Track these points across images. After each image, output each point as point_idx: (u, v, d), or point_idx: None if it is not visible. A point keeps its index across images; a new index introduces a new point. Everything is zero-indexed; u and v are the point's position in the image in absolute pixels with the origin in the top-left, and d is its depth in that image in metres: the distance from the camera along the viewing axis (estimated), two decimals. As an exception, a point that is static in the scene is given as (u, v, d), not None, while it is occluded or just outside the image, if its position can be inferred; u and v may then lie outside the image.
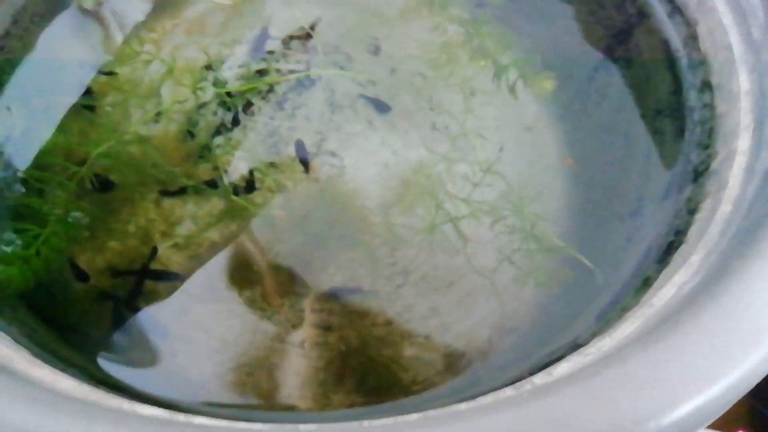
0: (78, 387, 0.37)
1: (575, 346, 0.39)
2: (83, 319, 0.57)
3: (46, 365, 0.38)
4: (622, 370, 0.28)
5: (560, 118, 0.65)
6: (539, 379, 0.32)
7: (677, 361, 0.28)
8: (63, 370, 0.39)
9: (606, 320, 0.41)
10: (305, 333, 0.59)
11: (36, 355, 0.40)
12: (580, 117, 0.64)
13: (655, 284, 0.40)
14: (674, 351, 0.28)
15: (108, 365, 0.52)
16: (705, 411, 0.28)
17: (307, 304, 0.60)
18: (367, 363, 0.57)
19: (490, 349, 0.56)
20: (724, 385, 0.28)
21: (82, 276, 0.57)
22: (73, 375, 0.38)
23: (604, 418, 0.26)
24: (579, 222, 0.60)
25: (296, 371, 0.57)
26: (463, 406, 0.31)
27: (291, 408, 0.55)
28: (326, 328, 0.58)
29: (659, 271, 0.41)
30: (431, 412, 0.30)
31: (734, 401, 0.30)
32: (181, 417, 0.35)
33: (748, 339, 0.29)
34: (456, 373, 0.55)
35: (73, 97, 0.65)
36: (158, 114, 0.65)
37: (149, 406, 0.36)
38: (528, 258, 0.61)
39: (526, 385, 0.32)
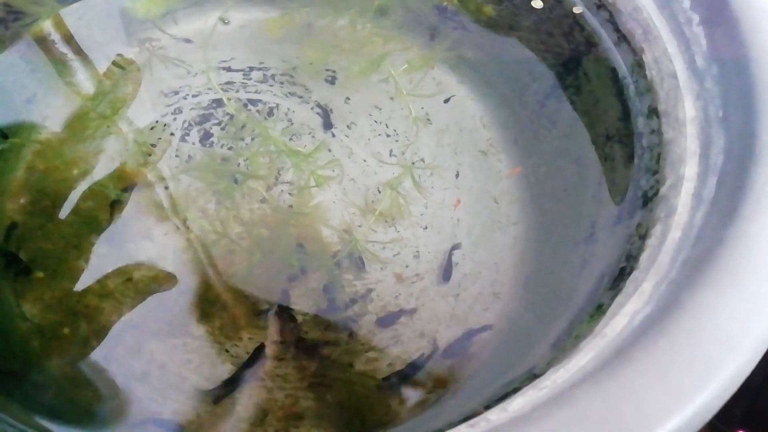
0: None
1: (532, 377, 0.39)
2: (25, 362, 0.55)
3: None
4: (575, 411, 0.28)
5: (514, 144, 0.66)
6: (494, 415, 0.32)
7: (629, 400, 0.28)
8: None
9: (561, 349, 0.42)
10: (264, 365, 0.58)
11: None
12: (533, 143, 0.64)
13: (608, 312, 0.40)
14: (626, 389, 0.29)
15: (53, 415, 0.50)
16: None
17: (268, 335, 0.59)
18: (325, 395, 0.56)
19: (451, 377, 0.55)
20: (677, 423, 0.29)
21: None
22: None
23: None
24: (535, 247, 0.61)
25: (256, 404, 0.56)
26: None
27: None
28: (284, 359, 0.58)
29: (612, 298, 0.42)
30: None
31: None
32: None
33: (700, 376, 0.29)
34: (416, 404, 0.55)
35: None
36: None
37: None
38: (487, 285, 0.61)
39: (481, 422, 0.32)
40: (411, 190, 0.65)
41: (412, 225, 0.64)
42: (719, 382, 0.29)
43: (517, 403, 0.33)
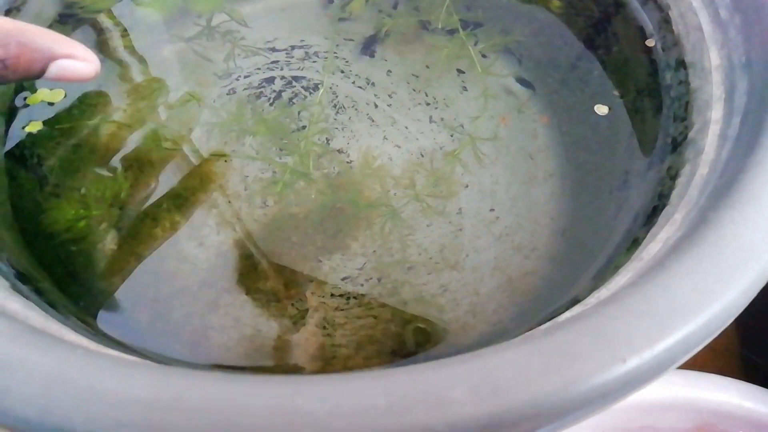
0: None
1: (575, 302, 0.44)
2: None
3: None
4: (617, 307, 0.32)
5: (548, 104, 0.70)
6: (543, 327, 0.36)
7: (664, 297, 0.32)
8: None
9: (601, 278, 0.46)
10: (321, 314, 0.63)
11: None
12: (567, 102, 0.68)
13: (643, 243, 0.44)
14: (661, 289, 0.33)
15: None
16: (692, 339, 0.32)
17: (323, 292, 0.64)
18: (383, 334, 0.61)
19: (498, 317, 0.60)
20: (707, 315, 0.33)
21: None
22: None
23: (605, 349, 0.30)
24: (571, 199, 0.65)
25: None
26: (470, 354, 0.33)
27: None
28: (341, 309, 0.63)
29: (647, 232, 0.46)
30: (441, 360, 0.32)
31: (718, 332, 0.35)
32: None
33: (725, 276, 0.34)
34: (465, 338, 0.59)
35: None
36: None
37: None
38: (527, 236, 0.65)
39: (534, 333, 0.36)
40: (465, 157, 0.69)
41: (454, 184, 0.68)
42: (743, 282, 0.34)
43: (565, 316, 0.38)
